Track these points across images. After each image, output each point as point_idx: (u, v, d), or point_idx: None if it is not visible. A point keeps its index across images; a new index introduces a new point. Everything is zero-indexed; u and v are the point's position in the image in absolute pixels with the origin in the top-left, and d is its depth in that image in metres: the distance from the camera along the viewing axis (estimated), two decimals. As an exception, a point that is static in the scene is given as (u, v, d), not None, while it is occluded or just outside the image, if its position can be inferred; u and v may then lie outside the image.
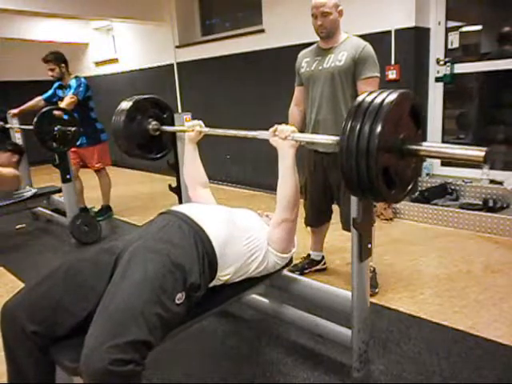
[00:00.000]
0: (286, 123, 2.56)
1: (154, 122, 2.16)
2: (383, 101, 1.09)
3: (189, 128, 1.97)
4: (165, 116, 2.22)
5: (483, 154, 1.04)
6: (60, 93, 3.88)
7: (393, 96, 1.10)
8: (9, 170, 3.30)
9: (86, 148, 3.87)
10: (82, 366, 1.11)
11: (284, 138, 1.55)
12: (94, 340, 1.13)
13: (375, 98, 1.12)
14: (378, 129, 1.05)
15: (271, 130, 1.61)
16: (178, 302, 1.30)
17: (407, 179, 1.25)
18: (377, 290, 2.35)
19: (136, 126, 2.13)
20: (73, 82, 3.72)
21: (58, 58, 3.76)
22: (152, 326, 1.19)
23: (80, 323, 1.29)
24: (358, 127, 1.08)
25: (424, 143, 1.17)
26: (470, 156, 1.08)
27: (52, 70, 3.74)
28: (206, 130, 1.99)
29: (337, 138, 1.29)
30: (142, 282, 1.25)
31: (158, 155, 2.30)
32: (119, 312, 1.17)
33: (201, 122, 1.99)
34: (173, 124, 2.22)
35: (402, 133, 1.15)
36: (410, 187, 1.27)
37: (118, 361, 1.08)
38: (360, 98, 1.15)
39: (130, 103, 2.12)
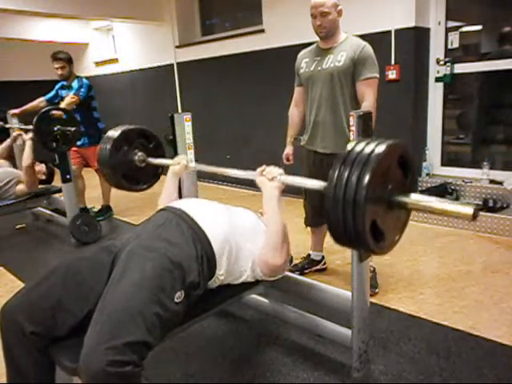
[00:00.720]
0: (286, 123, 2.59)
1: (140, 153, 2.09)
2: (372, 152, 1.07)
3: (175, 162, 1.92)
4: (151, 146, 2.17)
5: (472, 211, 1.02)
6: (63, 93, 3.88)
7: (382, 147, 1.08)
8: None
9: (87, 148, 3.88)
10: (80, 367, 1.11)
11: (271, 179, 1.53)
12: (92, 341, 1.13)
13: (364, 148, 1.10)
14: (366, 179, 1.03)
15: (259, 169, 1.59)
16: (177, 300, 1.30)
17: (395, 231, 1.22)
18: (377, 290, 2.35)
19: (122, 156, 2.07)
20: (74, 83, 3.73)
21: (68, 57, 3.80)
22: (151, 326, 1.19)
23: (79, 323, 1.30)
24: (346, 177, 1.06)
25: (412, 195, 1.14)
26: (458, 213, 1.05)
27: (62, 68, 3.75)
28: (193, 165, 1.95)
29: (324, 183, 1.27)
30: (141, 282, 1.25)
31: (144, 186, 2.22)
32: (118, 312, 1.17)
33: (188, 157, 1.93)
34: (161, 154, 2.18)
35: (390, 184, 1.12)
36: (397, 238, 1.23)
37: (116, 362, 1.08)
38: (349, 148, 1.13)
39: (118, 133, 2.07)
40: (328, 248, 2.79)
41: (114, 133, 2.09)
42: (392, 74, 3.54)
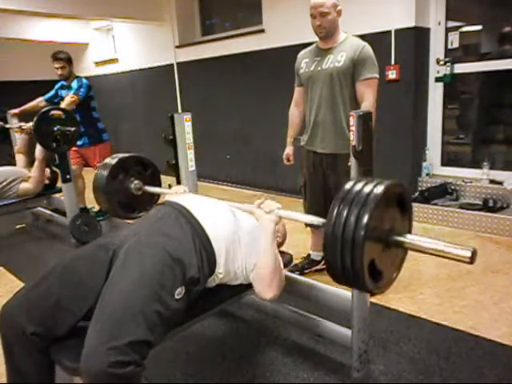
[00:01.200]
0: (286, 123, 2.59)
1: (136, 181, 2.10)
2: (370, 192, 1.08)
3: (173, 192, 1.91)
4: (148, 174, 2.17)
5: (470, 254, 1.02)
6: (63, 93, 3.88)
7: (380, 188, 1.09)
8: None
9: (87, 148, 3.88)
10: (81, 367, 1.11)
11: (268, 212, 1.53)
12: (93, 341, 1.13)
13: (363, 188, 1.11)
14: (365, 220, 1.04)
15: (258, 201, 1.59)
16: (177, 297, 1.30)
17: (392, 269, 1.22)
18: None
19: (118, 184, 2.07)
20: (74, 83, 3.74)
21: (68, 57, 3.81)
22: (152, 324, 1.19)
23: (79, 322, 1.30)
24: (345, 216, 1.07)
25: (409, 236, 1.15)
26: (456, 255, 1.05)
27: (63, 68, 3.76)
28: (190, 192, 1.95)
29: (322, 220, 1.28)
30: (140, 279, 1.25)
31: (140, 214, 2.19)
32: (118, 311, 1.17)
33: (186, 188, 1.93)
34: (158, 183, 2.20)
35: (388, 223, 1.14)
36: (394, 276, 1.24)
37: (117, 363, 1.08)
38: (348, 186, 1.14)
39: (115, 161, 2.07)
40: (328, 248, 2.79)
41: (111, 160, 2.09)
42: (392, 74, 3.54)
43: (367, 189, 1.10)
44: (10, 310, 1.30)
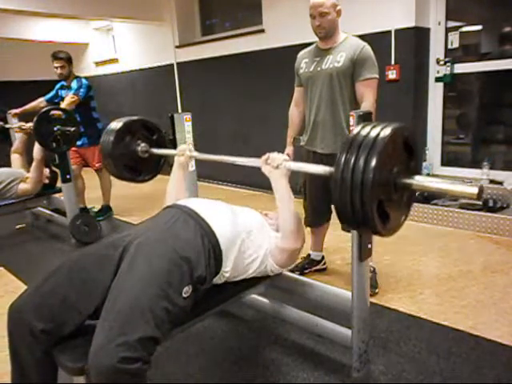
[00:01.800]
0: (286, 123, 2.59)
1: (142, 144, 2.11)
2: (377, 135, 1.10)
3: (179, 152, 1.94)
4: (154, 138, 2.18)
5: (477, 190, 1.04)
6: (63, 93, 3.89)
7: (387, 131, 1.11)
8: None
9: (87, 148, 3.89)
10: (90, 364, 1.11)
11: (276, 167, 1.53)
12: (102, 338, 1.13)
13: (370, 131, 1.12)
14: (373, 163, 1.06)
15: (263, 157, 1.59)
16: (184, 295, 1.31)
17: (400, 212, 1.25)
18: (377, 291, 2.35)
19: (124, 147, 2.08)
20: (74, 83, 3.74)
21: (68, 57, 3.81)
22: (160, 322, 1.20)
23: (86, 321, 1.30)
24: (353, 161, 1.09)
25: (416, 177, 1.17)
26: (463, 192, 1.08)
27: (62, 67, 3.76)
28: (196, 154, 1.95)
29: (330, 169, 1.30)
30: (149, 277, 1.26)
31: (146, 177, 2.22)
32: (127, 308, 1.18)
33: (191, 147, 1.95)
34: (163, 145, 2.19)
35: (396, 166, 1.15)
36: (403, 219, 1.27)
37: (127, 359, 1.09)
38: (355, 132, 1.16)
39: (120, 124, 2.08)
40: (328, 248, 2.79)
41: (116, 124, 2.10)
42: (392, 74, 3.54)
43: (374, 132, 1.12)
44: (18, 308, 1.29)
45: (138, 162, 2.14)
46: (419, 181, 1.17)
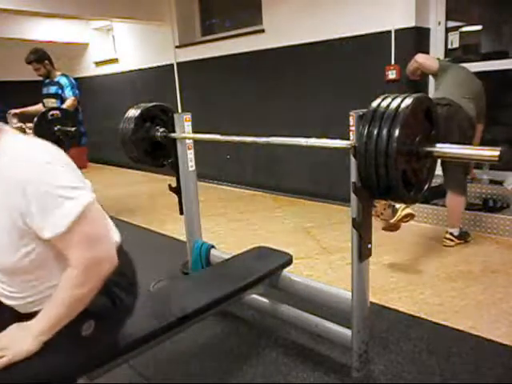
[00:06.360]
0: (286, 123, 2.58)
1: (161, 129, 2.18)
2: (399, 106, 1.13)
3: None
4: (171, 123, 2.21)
5: (497, 153, 1.07)
6: (52, 89, 3.82)
7: (409, 101, 1.14)
8: None
9: (67, 149, 3.87)
10: None
11: None
12: None
13: (391, 102, 1.15)
14: (396, 133, 1.09)
15: None
16: None
17: (423, 180, 1.29)
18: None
19: (144, 133, 2.16)
20: (64, 81, 3.68)
21: (39, 56, 3.72)
22: None
23: None
24: (376, 132, 1.12)
25: (438, 144, 1.21)
26: (484, 156, 1.12)
27: (37, 69, 3.71)
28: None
29: (348, 142, 1.32)
30: None
31: (165, 162, 2.31)
32: None
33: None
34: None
35: (418, 135, 1.19)
36: (426, 187, 1.31)
37: None
38: (375, 103, 1.19)
39: (138, 111, 2.14)
40: (328, 248, 2.79)
41: (135, 111, 2.16)
42: (392, 74, 3.53)
43: (395, 103, 1.14)
44: None
45: (157, 147, 2.22)
46: (440, 148, 1.20)
